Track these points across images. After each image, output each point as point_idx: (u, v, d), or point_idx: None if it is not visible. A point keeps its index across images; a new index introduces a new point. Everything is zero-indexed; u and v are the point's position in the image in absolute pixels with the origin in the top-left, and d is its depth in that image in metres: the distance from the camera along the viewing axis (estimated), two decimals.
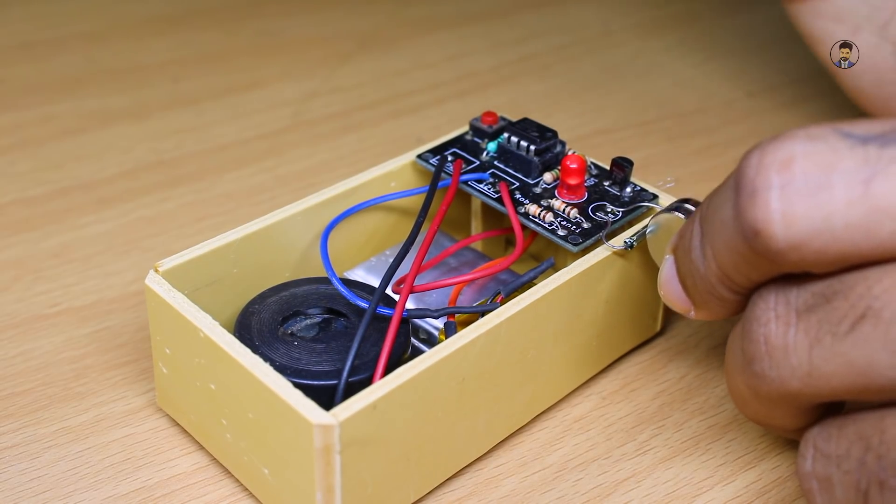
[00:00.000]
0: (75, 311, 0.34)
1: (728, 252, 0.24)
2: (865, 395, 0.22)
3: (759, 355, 0.23)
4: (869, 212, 0.21)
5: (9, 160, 0.42)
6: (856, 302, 0.22)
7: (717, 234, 0.24)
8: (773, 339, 0.23)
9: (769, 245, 0.22)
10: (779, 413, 0.25)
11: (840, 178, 0.21)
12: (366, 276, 0.33)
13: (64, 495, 0.28)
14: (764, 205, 0.22)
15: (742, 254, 0.23)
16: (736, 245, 0.23)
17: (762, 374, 0.23)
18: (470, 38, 0.53)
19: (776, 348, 0.23)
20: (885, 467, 0.22)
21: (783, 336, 0.23)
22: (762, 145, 0.23)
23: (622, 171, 0.32)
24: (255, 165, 0.42)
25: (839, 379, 0.22)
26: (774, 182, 0.22)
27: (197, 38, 0.53)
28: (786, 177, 0.22)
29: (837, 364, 0.22)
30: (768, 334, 0.23)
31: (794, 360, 0.23)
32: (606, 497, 0.28)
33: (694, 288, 0.26)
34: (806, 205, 0.22)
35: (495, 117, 0.34)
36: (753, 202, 0.22)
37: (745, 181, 0.22)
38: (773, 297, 0.23)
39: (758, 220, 0.22)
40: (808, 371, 0.22)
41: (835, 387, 0.22)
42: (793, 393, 0.23)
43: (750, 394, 0.24)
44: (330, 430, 0.24)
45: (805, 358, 0.22)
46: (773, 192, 0.22)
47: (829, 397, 0.23)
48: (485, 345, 0.27)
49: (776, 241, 0.22)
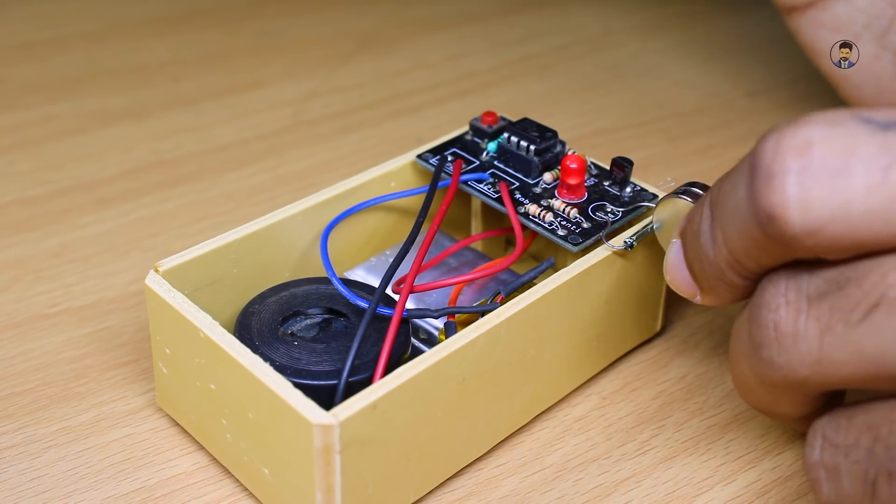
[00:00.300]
0: (75, 311, 0.34)
1: (740, 237, 0.23)
2: (876, 383, 0.22)
3: (768, 341, 0.23)
4: (888, 199, 0.21)
5: (9, 160, 0.42)
6: (870, 290, 0.21)
7: (728, 219, 0.24)
8: (783, 326, 0.23)
9: (784, 230, 0.22)
10: (784, 400, 0.25)
11: (859, 164, 0.21)
12: (366, 276, 0.33)
13: (64, 495, 0.28)
14: (780, 189, 0.22)
15: (755, 239, 0.23)
16: (749, 230, 0.23)
17: (770, 360, 0.23)
18: (470, 38, 0.53)
19: (786, 335, 0.23)
20: (894, 458, 0.22)
21: (794, 322, 0.23)
22: (779, 129, 0.22)
23: (622, 171, 0.32)
24: (255, 165, 0.42)
25: (850, 367, 0.22)
26: (791, 166, 0.21)
27: (197, 38, 0.53)
28: (803, 161, 0.21)
29: (849, 352, 0.22)
30: (778, 320, 0.23)
31: (803, 347, 0.22)
32: (606, 497, 0.28)
33: (702, 273, 0.25)
34: (823, 190, 0.21)
35: (495, 117, 0.34)
36: (769, 186, 0.22)
37: (760, 165, 0.22)
38: (783, 282, 0.23)
39: (773, 205, 0.22)
40: (818, 359, 0.22)
41: (845, 375, 0.22)
42: (801, 380, 0.23)
43: (755, 380, 0.24)
44: (330, 430, 0.24)
45: (815, 345, 0.22)
46: (790, 177, 0.21)
47: (838, 385, 0.23)
48: (485, 345, 0.27)
49: (791, 227, 0.22)
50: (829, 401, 0.26)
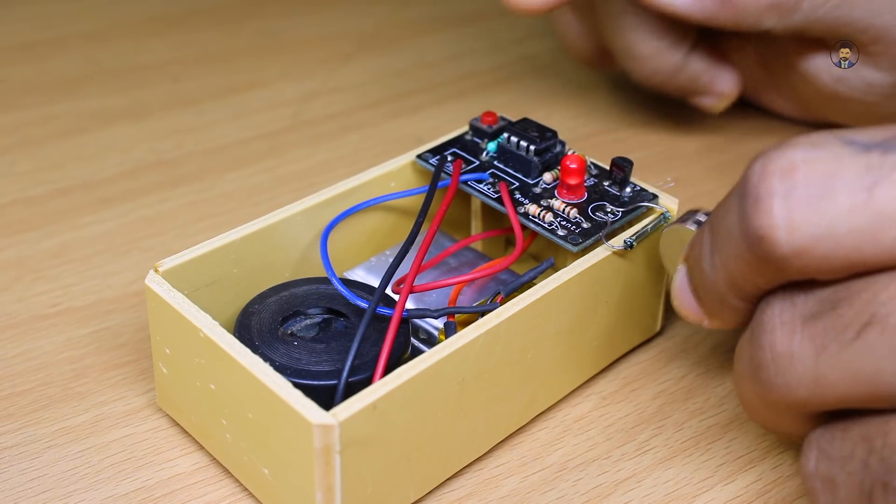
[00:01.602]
0: (75, 311, 0.34)
1: (735, 260, 0.24)
2: (872, 402, 0.22)
3: (766, 363, 0.23)
4: (872, 218, 0.21)
5: (9, 160, 0.42)
6: (861, 309, 0.22)
7: (724, 242, 0.24)
8: (778, 347, 0.23)
9: (773, 251, 0.22)
10: (787, 420, 0.25)
11: (843, 185, 0.22)
12: (366, 276, 0.33)
13: (64, 495, 0.28)
14: (767, 211, 0.22)
15: (748, 261, 0.23)
16: (742, 252, 0.23)
17: (768, 381, 0.23)
18: (470, 38, 0.53)
19: (781, 355, 0.23)
20: (889, 469, 0.22)
21: (788, 343, 0.23)
22: (766, 153, 0.23)
23: (622, 171, 0.32)
24: (255, 165, 0.42)
25: (845, 387, 0.22)
26: (777, 189, 0.22)
27: (197, 38, 0.53)
28: (788, 184, 0.22)
29: (843, 372, 0.22)
30: (773, 342, 0.23)
31: (799, 367, 0.23)
32: (606, 497, 0.28)
33: (706, 297, 0.26)
34: (809, 211, 0.22)
35: (495, 117, 0.34)
36: (757, 209, 0.22)
37: (749, 189, 0.23)
38: (778, 304, 0.23)
39: (761, 227, 0.22)
40: (814, 379, 0.22)
41: (841, 394, 0.22)
42: (800, 401, 0.23)
43: (759, 401, 0.24)
44: (330, 430, 0.24)
45: (811, 365, 0.22)
46: (777, 200, 0.22)
47: (836, 405, 0.23)
48: (484, 345, 0.27)
49: (780, 248, 0.22)
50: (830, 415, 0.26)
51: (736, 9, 0.36)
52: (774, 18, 0.36)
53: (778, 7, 0.35)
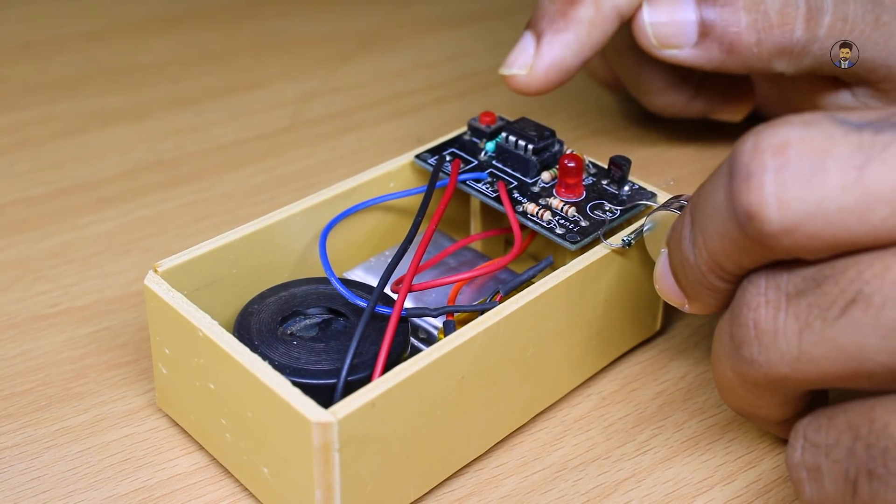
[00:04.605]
0: (75, 311, 0.34)
1: (719, 238, 0.24)
2: (855, 380, 0.22)
3: (748, 340, 0.23)
4: (862, 197, 0.21)
5: (9, 160, 0.42)
6: (846, 286, 0.22)
7: (708, 221, 0.24)
8: (762, 324, 0.23)
9: (763, 228, 0.22)
10: (765, 401, 0.25)
11: (834, 163, 0.22)
12: (365, 276, 0.33)
13: (64, 495, 0.28)
14: (758, 188, 0.22)
15: (734, 239, 0.23)
16: (728, 230, 0.23)
17: (751, 358, 0.23)
18: (470, 38, 0.53)
19: (765, 332, 0.23)
20: (874, 456, 0.22)
21: (773, 320, 0.23)
22: (757, 130, 0.23)
23: (620, 170, 0.32)
24: (255, 165, 0.42)
25: (828, 364, 0.22)
26: (769, 166, 0.22)
27: (197, 38, 0.53)
28: (780, 161, 0.22)
29: (827, 349, 0.22)
30: (758, 318, 0.23)
31: (783, 344, 0.23)
32: (606, 497, 0.28)
33: (685, 279, 0.26)
34: (800, 189, 0.22)
35: (493, 117, 0.34)
36: (748, 185, 0.22)
37: (739, 165, 0.22)
38: (763, 281, 0.23)
39: (752, 204, 0.22)
40: (798, 356, 0.23)
41: (824, 372, 0.22)
42: (781, 378, 0.23)
43: (737, 381, 0.25)
44: (328, 428, 0.24)
45: (794, 342, 0.23)
46: (768, 176, 0.22)
47: (818, 383, 0.23)
48: (483, 343, 0.27)
49: (770, 225, 0.22)
50: (811, 403, 0.26)
51: (742, 56, 0.36)
52: (784, 63, 0.35)
53: (788, 53, 0.35)
